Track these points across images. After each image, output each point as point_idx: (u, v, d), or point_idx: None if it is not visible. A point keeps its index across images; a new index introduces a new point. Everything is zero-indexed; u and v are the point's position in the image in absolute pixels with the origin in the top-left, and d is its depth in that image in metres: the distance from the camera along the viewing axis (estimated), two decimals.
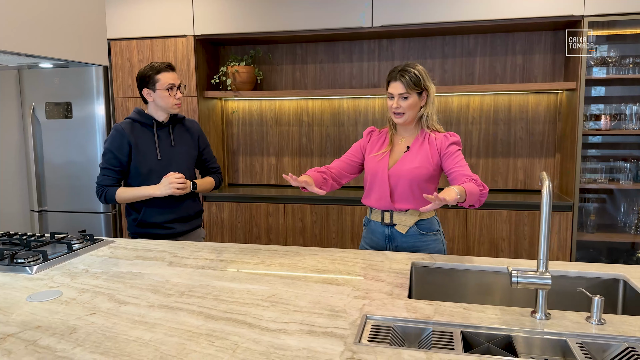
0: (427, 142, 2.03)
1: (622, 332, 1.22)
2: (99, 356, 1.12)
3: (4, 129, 3.84)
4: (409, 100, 1.98)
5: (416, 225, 2.04)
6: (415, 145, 2.04)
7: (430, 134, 2.04)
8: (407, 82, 1.95)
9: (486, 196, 1.85)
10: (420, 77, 1.98)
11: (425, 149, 2.01)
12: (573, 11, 2.91)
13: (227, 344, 1.17)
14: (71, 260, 1.86)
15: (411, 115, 2.01)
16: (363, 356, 1.11)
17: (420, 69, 2.02)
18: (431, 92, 2.03)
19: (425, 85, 2.00)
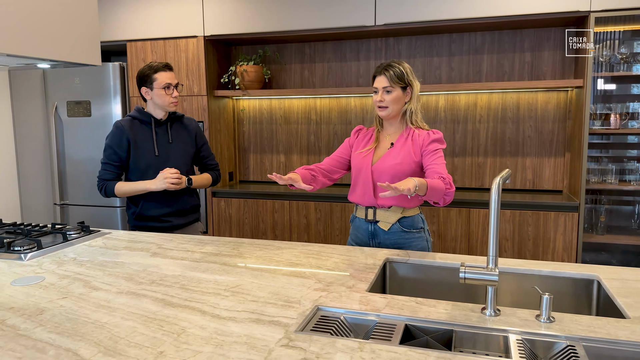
0: (410, 139, 2.04)
1: (568, 331, 1.21)
2: (54, 335, 1.20)
3: (30, 126, 4.06)
4: (392, 94, 2.00)
5: (399, 223, 2.06)
6: (399, 142, 2.06)
7: (414, 130, 2.05)
8: (391, 76, 1.98)
9: (452, 196, 1.86)
10: (404, 73, 2.00)
11: (408, 146, 2.03)
12: (579, 7, 2.83)
13: (175, 328, 1.23)
14: (64, 249, 1.98)
15: (395, 109, 2.03)
16: (298, 343, 1.15)
17: (405, 65, 2.04)
18: (415, 88, 2.04)
19: (409, 81, 2.01)
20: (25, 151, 4.11)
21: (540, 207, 3.01)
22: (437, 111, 3.52)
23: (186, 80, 3.59)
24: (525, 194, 3.30)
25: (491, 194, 1.30)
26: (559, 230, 2.98)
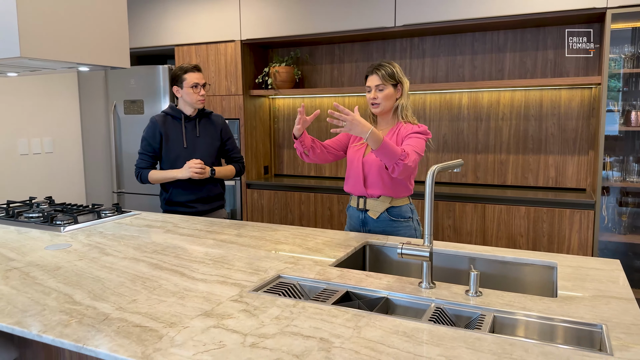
0: (397, 133, 2.19)
1: (487, 304, 1.34)
2: (60, 284, 1.50)
3: (94, 123, 4.57)
4: (384, 91, 2.17)
5: (387, 212, 2.21)
6: (387, 136, 2.22)
7: (403, 125, 2.20)
8: (383, 75, 2.15)
9: (404, 168, 1.95)
10: (394, 71, 2.16)
11: (395, 139, 2.18)
12: (595, 3, 2.82)
13: (153, 285, 1.50)
14: (96, 224, 2.33)
15: (387, 106, 2.19)
16: (245, 299, 1.37)
17: (395, 65, 2.20)
18: (405, 85, 2.19)
19: (399, 79, 2.17)
20: (90, 145, 4.63)
21: (555, 204, 3.02)
22: (461, 109, 3.60)
23: (225, 81, 3.92)
24: (548, 191, 3.30)
25: (427, 179, 1.45)
26: (574, 228, 2.98)
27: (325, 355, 1.05)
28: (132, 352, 1.07)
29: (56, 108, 4.44)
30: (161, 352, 1.07)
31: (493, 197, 3.16)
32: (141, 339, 1.14)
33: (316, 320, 1.22)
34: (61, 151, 4.50)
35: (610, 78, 2.90)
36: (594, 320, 1.22)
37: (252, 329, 1.18)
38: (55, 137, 4.44)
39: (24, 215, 2.41)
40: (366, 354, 1.05)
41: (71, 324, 1.22)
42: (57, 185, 4.47)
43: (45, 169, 4.36)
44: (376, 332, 1.15)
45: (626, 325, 1.19)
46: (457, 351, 1.06)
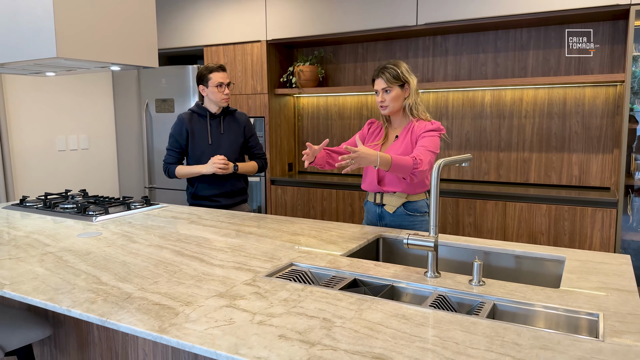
0: (411, 131, 2.24)
1: (488, 293, 1.39)
2: (90, 267, 1.63)
3: (127, 120, 4.77)
4: (391, 93, 2.22)
5: (403, 207, 2.27)
6: (402, 135, 2.27)
7: (415, 122, 2.25)
8: (388, 78, 2.20)
9: (419, 174, 2.02)
10: (399, 72, 2.20)
11: (409, 137, 2.23)
12: (618, 0, 2.80)
13: (174, 269, 1.60)
14: (125, 215, 2.46)
15: (395, 106, 2.25)
16: (258, 283, 1.46)
17: (400, 65, 2.23)
18: (412, 84, 2.23)
19: (405, 78, 2.21)
20: (123, 142, 4.83)
21: (577, 202, 3.00)
22: (483, 106, 3.61)
23: (251, 80, 4.03)
24: (571, 190, 3.28)
25: (432, 172, 1.50)
26: (595, 226, 2.96)
27: (326, 332, 1.12)
28: (150, 326, 1.17)
29: (92, 106, 4.65)
30: (176, 326, 1.17)
31: (514, 194, 3.17)
32: (159, 315, 1.24)
33: (321, 303, 1.30)
34: (96, 148, 4.71)
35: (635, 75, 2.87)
36: (592, 310, 1.26)
37: (261, 309, 1.26)
38: (91, 134, 4.65)
39: (59, 206, 2.57)
40: (364, 332, 1.12)
41: (97, 301, 1.33)
42: (92, 180, 4.68)
43: (81, 164, 4.57)
44: (377, 315, 1.22)
45: (622, 314, 1.22)
46: (451, 333, 1.12)
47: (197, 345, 1.08)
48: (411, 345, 1.06)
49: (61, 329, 1.91)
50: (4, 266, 1.65)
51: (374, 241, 2.03)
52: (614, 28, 3.16)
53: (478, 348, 1.05)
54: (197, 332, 1.14)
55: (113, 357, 1.79)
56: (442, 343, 1.07)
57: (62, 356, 1.94)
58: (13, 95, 4.02)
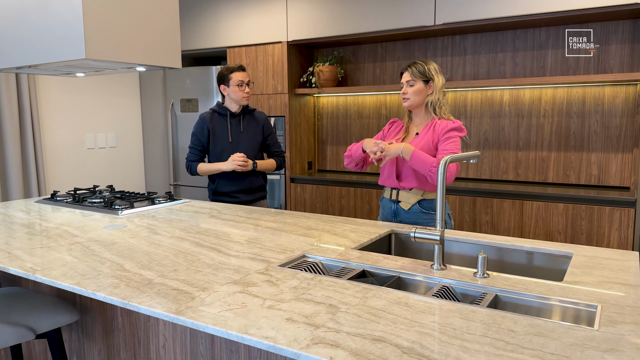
0: (432, 128, 2.29)
1: (491, 284, 1.43)
2: (114, 256, 1.73)
3: (154, 120, 4.92)
4: (414, 87, 2.28)
5: (418, 204, 2.32)
6: (422, 132, 2.32)
7: (437, 121, 2.30)
8: (413, 71, 2.27)
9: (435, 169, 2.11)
10: (425, 69, 2.27)
11: (430, 135, 2.28)
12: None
13: (193, 258, 1.69)
14: (149, 209, 2.58)
15: (416, 101, 2.30)
16: (270, 272, 1.53)
17: (430, 63, 2.31)
18: (437, 82, 2.28)
19: (431, 75, 2.27)
20: (149, 140, 4.99)
21: (594, 201, 2.99)
22: (502, 105, 3.61)
23: (272, 81, 4.12)
24: (590, 189, 3.27)
25: (439, 168, 1.55)
26: (613, 225, 2.94)
27: (330, 317, 1.19)
28: (167, 308, 1.26)
29: (119, 106, 4.82)
30: (192, 309, 1.25)
31: (531, 193, 3.17)
32: (177, 299, 1.32)
33: (329, 291, 1.37)
34: (123, 146, 4.88)
35: None
36: (592, 302, 1.29)
37: (271, 295, 1.34)
38: (119, 132, 4.82)
39: (87, 200, 2.70)
40: (367, 318, 1.19)
41: (120, 286, 1.43)
42: (120, 177, 4.85)
43: (109, 162, 4.75)
44: (380, 302, 1.28)
45: (621, 306, 1.26)
46: (450, 320, 1.18)
47: (210, 325, 1.16)
48: (410, 330, 1.12)
49: (88, 315, 2.02)
50: (35, 254, 1.77)
51: (386, 236, 2.09)
52: (634, 27, 3.14)
53: (474, 334, 1.10)
54: (211, 314, 1.22)
55: (135, 342, 1.89)
56: (440, 328, 1.13)
57: (88, 341, 2.05)
58: (45, 95, 4.20)
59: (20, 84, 3.94)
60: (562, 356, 1.00)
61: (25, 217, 2.44)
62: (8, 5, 2.32)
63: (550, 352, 1.02)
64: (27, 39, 2.26)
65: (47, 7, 2.17)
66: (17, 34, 2.30)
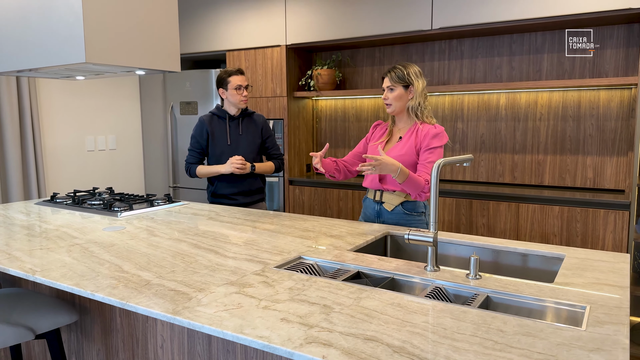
0: (415, 133, 2.32)
1: (483, 285, 1.46)
2: (113, 257, 1.76)
3: (153, 122, 4.95)
4: (394, 92, 2.31)
5: (402, 206, 2.34)
6: (406, 136, 2.35)
7: (420, 125, 2.32)
8: (393, 77, 2.30)
9: (425, 197, 2.20)
10: (404, 73, 2.29)
11: (413, 139, 2.31)
12: (631, 4, 2.82)
13: (190, 260, 1.72)
14: (148, 211, 2.60)
15: (398, 106, 2.33)
16: (266, 273, 1.56)
17: (409, 67, 2.32)
18: (417, 87, 2.30)
19: (410, 80, 2.29)
20: (149, 143, 5.02)
21: (589, 204, 3.02)
22: (498, 109, 3.64)
23: (270, 84, 4.15)
24: (586, 192, 3.30)
25: (432, 171, 1.58)
26: (608, 228, 2.97)
27: (324, 317, 1.22)
28: (164, 309, 1.29)
29: (119, 108, 4.85)
30: (189, 309, 1.28)
31: (527, 196, 3.20)
32: (174, 299, 1.35)
33: (324, 292, 1.39)
34: (123, 148, 4.90)
35: None
36: (581, 303, 1.32)
37: (267, 296, 1.36)
38: (118, 135, 4.85)
39: (87, 202, 2.73)
40: (360, 318, 1.21)
41: (118, 287, 1.45)
42: (119, 179, 4.88)
43: (108, 164, 4.77)
44: (374, 303, 1.31)
45: (609, 307, 1.28)
46: (441, 320, 1.20)
47: (207, 325, 1.19)
48: (402, 330, 1.15)
49: (87, 316, 2.05)
50: (35, 255, 1.79)
51: (382, 238, 2.12)
52: (629, 31, 3.17)
53: (464, 333, 1.13)
54: (207, 315, 1.24)
55: (134, 343, 1.91)
56: (431, 328, 1.16)
57: (87, 341, 2.08)
58: (45, 97, 4.23)
59: (20, 86, 3.97)
60: (549, 355, 1.03)
61: (25, 218, 2.47)
62: (9, 9, 2.35)
63: (538, 352, 1.04)
64: (28, 43, 2.29)
65: (47, 11, 2.20)
66: (18, 37, 2.33)
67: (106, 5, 2.17)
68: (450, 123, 3.84)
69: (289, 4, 4.01)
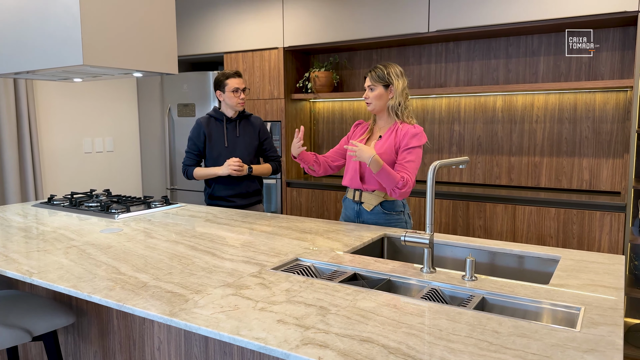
0: (394, 132, 2.33)
1: (479, 287, 1.47)
2: (110, 259, 1.76)
3: (151, 124, 4.95)
4: (375, 91, 2.34)
5: (381, 205, 2.35)
6: (386, 135, 2.37)
7: (400, 125, 2.34)
8: (373, 76, 2.33)
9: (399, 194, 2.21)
10: (384, 73, 2.31)
11: (392, 139, 2.32)
12: (626, 7, 2.83)
13: (187, 262, 1.72)
14: (146, 214, 2.60)
15: (378, 105, 2.36)
16: (263, 275, 1.57)
17: (390, 67, 2.34)
18: (397, 86, 2.32)
19: (389, 80, 2.31)
20: (147, 144, 5.02)
21: (585, 206, 3.03)
22: (495, 111, 3.66)
23: (268, 86, 4.16)
24: (582, 194, 3.31)
25: (428, 173, 1.59)
26: (604, 230, 2.98)
27: (320, 319, 1.22)
28: (161, 310, 1.29)
29: (117, 110, 4.85)
30: (185, 311, 1.28)
31: (523, 198, 3.21)
32: (170, 301, 1.35)
33: (320, 293, 1.40)
34: (121, 150, 4.90)
35: None
36: (575, 304, 1.33)
37: (263, 298, 1.37)
38: (116, 137, 4.85)
39: (84, 204, 2.73)
40: (356, 319, 1.22)
41: (115, 289, 1.46)
42: (117, 181, 4.88)
43: (106, 166, 4.77)
44: (370, 304, 1.32)
45: (603, 308, 1.29)
46: (437, 321, 1.21)
47: (203, 327, 1.19)
48: (397, 331, 1.15)
49: (84, 318, 2.05)
50: (32, 257, 1.79)
51: (379, 240, 2.12)
52: (624, 34, 3.19)
53: (459, 334, 1.14)
54: (203, 316, 1.25)
55: (131, 345, 1.92)
56: (427, 329, 1.16)
57: (84, 343, 2.08)
58: (43, 99, 4.23)
59: (18, 88, 3.97)
60: (543, 356, 1.04)
61: (22, 220, 2.47)
62: (7, 11, 2.35)
63: (532, 353, 1.05)
64: (26, 45, 2.29)
65: (45, 13, 2.20)
66: (16, 39, 2.33)
67: (104, 7, 2.17)
68: (447, 125, 3.85)
69: (286, 6, 4.02)
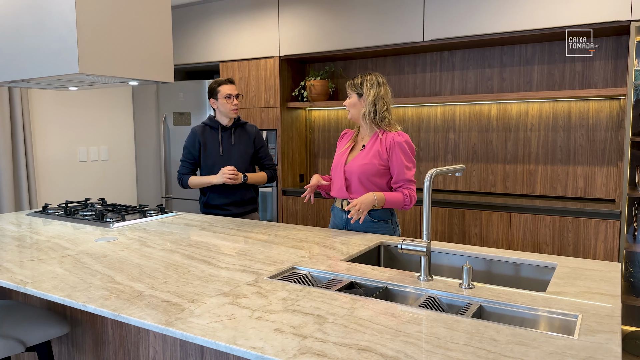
0: (378, 141, 2.34)
1: (476, 295, 1.46)
2: (105, 269, 1.74)
3: (146, 133, 4.94)
4: (350, 99, 2.40)
5: (368, 213, 2.35)
6: (369, 144, 2.37)
7: (382, 133, 2.35)
8: (349, 84, 2.39)
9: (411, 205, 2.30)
10: (359, 82, 2.35)
11: (377, 148, 2.33)
12: (619, 17, 2.87)
13: (182, 270, 1.71)
14: (141, 222, 2.59)
15: (353, 113, 2.40)
16: (260, 284, 1.56)
17: (367, 75, 2.36)
18: (367, 95, 2.32)
19: (361, 89, 2.34)
20: (142, 153, 5.01)
21: (580, 213, 3.04)
22: (490, 120, 3.68)
23: (264, 94, 4.17)
24: (577, 202, 3.32)
25: (425, 181, 1.59)
26: (599, 238, 2.99)
27: (318, 327, 1.22)
28: (157, 320, 1.28)
29: (112, 119, 4.84)
30: (181, 320, 1.27)
31: (519, 206, 3.22)
32: (166, 310, 1.34)
33: (317, 302, 1.39)
34: (116, 159, 4.89)
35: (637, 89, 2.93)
36: (573, 312, 1.32)
37: (260, 307, 1.36)
38: (111, 145, 4.83)
39: (79, 213, 2.72)
40: (353, 328, 1.21)
41: (110, 298, 1.44)
42: (112, 190, 4.85)
43: (101, 174, 4.75)
44: (367, 313, 1.31)
45: (601, 316, 1.29)
46: (435, 329, 1.20)
47: (200, 336, 1.18)
48: (395, 340, 1.15)
49: (78, 328, 2.03)
50: (26, 267, 1.78)
51: (376, 248, 2.12)
52: (617, 43, 3.22)
53: (457, 343, 1.13)
54: (200, 326, 1.24)
55: (126, 355, 1.90)
56: (425, 338, 1.16)
57: (78, 354, 2.05)
58: (38, 108, 4.22)
59: (12, 96, 3.96)
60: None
61: (16, 229, 2.45)
62: (2, 19, 2.35)
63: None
64: (21, 54, 2.29)
65: (41, 21, 2.20)
66: (11, 48, 2.33)
67: (99, 16, 2.17)
68: (442, 133, 3.87)
69: (282, 15, 4.04)
